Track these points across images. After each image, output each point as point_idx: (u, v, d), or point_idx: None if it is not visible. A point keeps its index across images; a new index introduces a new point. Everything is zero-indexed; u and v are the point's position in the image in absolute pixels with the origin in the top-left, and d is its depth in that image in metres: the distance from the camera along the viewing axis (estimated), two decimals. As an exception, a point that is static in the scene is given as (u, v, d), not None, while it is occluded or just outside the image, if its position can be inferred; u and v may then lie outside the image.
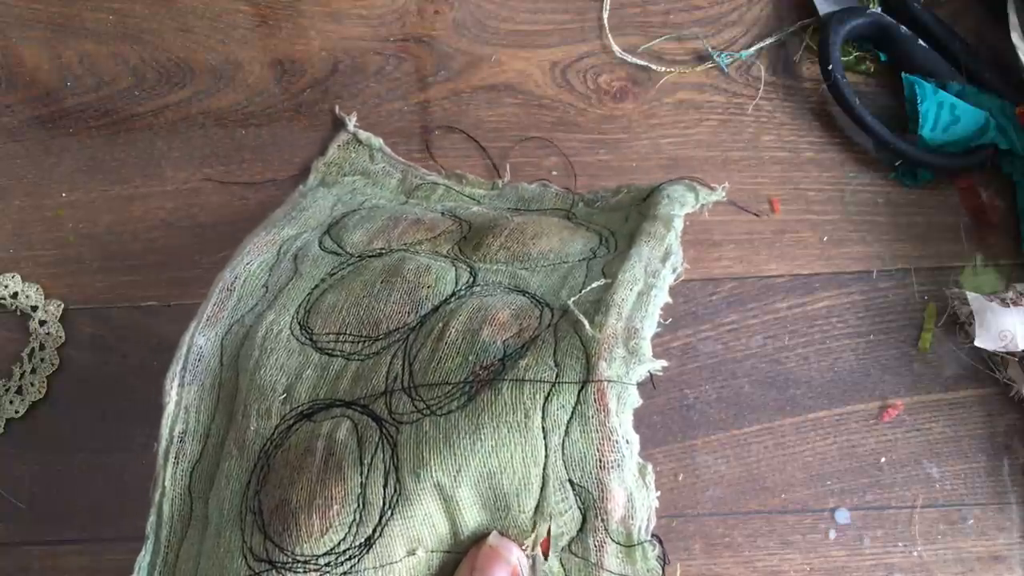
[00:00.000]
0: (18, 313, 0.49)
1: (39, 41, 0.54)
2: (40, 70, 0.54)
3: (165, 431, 0.38)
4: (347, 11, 0.55)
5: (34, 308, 0.48)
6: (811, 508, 0.44)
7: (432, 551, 0.34)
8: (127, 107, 0.53)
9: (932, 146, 0.48)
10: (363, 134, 0.52)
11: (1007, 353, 0.44)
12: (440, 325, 0.37)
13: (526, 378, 0.33)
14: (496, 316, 0.36)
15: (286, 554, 0.33)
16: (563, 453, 0.33)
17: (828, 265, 0.48)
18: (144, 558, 0.37)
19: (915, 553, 0.43)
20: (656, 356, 0.37)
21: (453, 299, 0.38)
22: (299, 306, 0.40)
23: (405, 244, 0.42)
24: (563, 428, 0.33)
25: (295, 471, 0.34)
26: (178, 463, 0.38)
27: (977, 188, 0.49)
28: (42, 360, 0.47)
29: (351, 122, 0.53)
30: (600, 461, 0.33)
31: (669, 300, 0.38)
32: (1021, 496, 0.44)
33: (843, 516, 0.44)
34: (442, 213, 0.46)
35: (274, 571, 0.33)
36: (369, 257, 0.41)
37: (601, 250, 0.41)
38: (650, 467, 0.34)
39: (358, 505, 0.33)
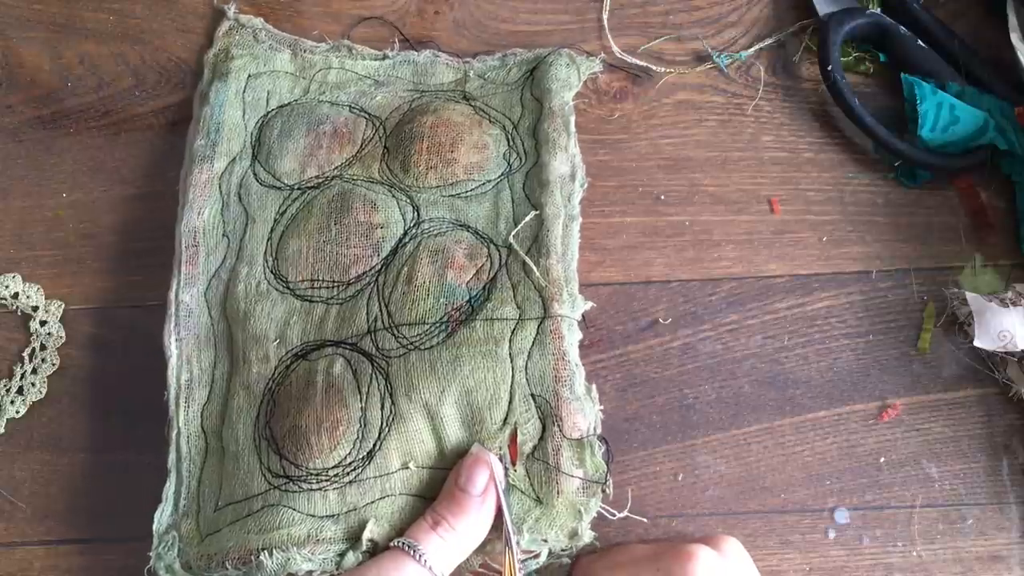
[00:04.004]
0: (19, 313, 0.49)
1: (40, 41, 0.54)
2: (41, 70, 0.54)
3: (172, 380, 0.44)
4: (347, 11, 0.55)
5: (35, 308, 0.48)
6: (810, 508, 0.44)
7: (422, 467, 0.40)
8: (127, 107, 0.53)
9: (931, 146, 0.48)
10: (244, 17, 0.54)
11: (1006, 353, 0.44)
12: (406, 269, 0.44)
13: (495, 317, 0.42)
14: (454, 259, 0.44)
15: (300, 469, 0.39)
16: (526, 372, 0.41)
17: (827, 265, 0.48)
18: (169, 488, 0.42)
19: (914, 553, 0.43)
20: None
21: (408, 239, 0.45)
22: (264, 253, 0.45)
23: (337, 168, 0.47)
24: (526, 353, 0.41)
25: (300, 402, 0.41)
26: (189, 406, 0.43)
27: (976, 188, 0.49)
28: (43, 360, 0.47)
29: (231, 9, 0.54)
30: (556, 376, 0.41)
31: (580, 220, 0.46)
32: (1020, 496, 0.44)
33: (842, 516, 0.44)
34: (350, 108, 0.50)
35: (291, 483, 0.39)
36: (309, 189, 0.47)
37: (512, 156, 0.48)
38: (594, 387, 0.42)
39: (360, 425, 0.40)
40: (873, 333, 0.47)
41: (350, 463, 0.39)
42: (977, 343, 0.44)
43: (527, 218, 0.45)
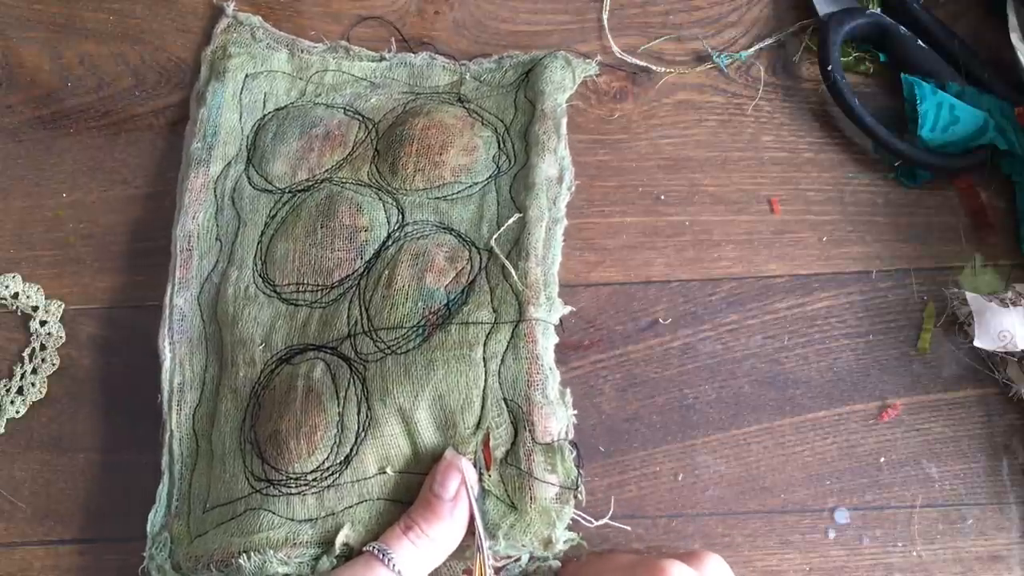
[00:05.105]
0: (19, 313, 0.49)
1: (40, 41, 0.54)
2: (41, 70, 0.54)
3: (165, 383, 0.44)
4: (347, 11, 0.55)
5: (35, 308, 0.48)
6: (810, 508, 0.44)
7: (399, 472, 0.40)
8: (127, 107, 0.53)
9: (931, 146, 0.48)
10: (242, 15, 0.54)
11: (1006, 353, 0.44)
12: (387, 273, 0.43)
13: (470, 321, 0.41)
14: (434, 262, 0.43)
15: (281, 473, 0.40)
16: (499, 376, 0.40)
17: (827, 265, 0.48)
18: (162, 490, 0.42)
19: (914, 553, 0.43)
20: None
21: (390, 242, 0.45)
22: (254, 257, 0.46)
23: (327, 171, 0.47)
24: (500, 357, 0.41)
25: (282, 406, 0.41)
26: (181, 409, 0.44)
27: (976, 188, 0.49)
28: (43, 360, 0.47)
29: (230, 7, 0.54)
30: (529, 380, 0.40)
31: (565, 223, 0.46)
32: (1020, 496, 0.44)
33: (842, 516, 0.44)
34: (344, 111, 0.50)
35: (272, 487, 0.40)
36: (299, 192, 0.47)
37: (502, 158, 0.48)
38: (568, 391, 0.41)
39: (337, 430, 0.40)
40: (873, 333, 0.47)
41: (328, 468, 0.40)
42: (977, 343, 0.44)
43: (510, 221, 0.45)
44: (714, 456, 0.45)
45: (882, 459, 0.44)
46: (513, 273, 0.43)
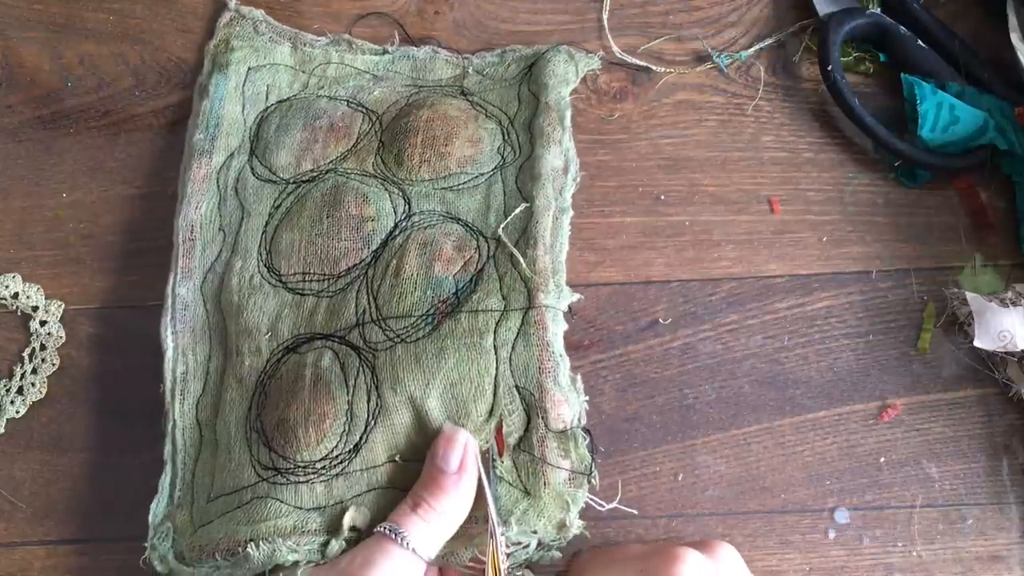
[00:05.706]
0: (19, 313, 0.49)
1: (40, 41, 0.54)
2: (41, 70, 0.54)
3: (168, 373, 0.44)
4: (347, 11, 0.55)
5: (35, 308, 0.48)
6: (810, 508, 0.44)
7: (408, 460, 0.40)
8: (127, 107, 0.53)
9: (931, 146, 0.48)
10: (245, 8, 0.54)
11: (1006, 353, 0.44)
12: (395, 262, 0.44)
13: (480, 309, 0.42)
14: (442, 251, 0.44)
15: (289, 462, 0.40)
16: (511, 364, 0.41)
17: (827, 265, 0.48)
18: (165, 480, 0.42)
19: (914, 553, 0.43)
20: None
21: (397, 231, 0.45)
22: (259, 247, 0.46)
23: (332, 162, 0.48)
24: (510, 344, 0.41)
25: (289, 395, 0.41)
26: (184, 398, 0.44)
27: (976, 188, 0.49)
28: (43, 360, 0.47)
29: (232, 1, 0.54)
30: (540, 367, 0.41)
31: (572, 213, 0.46)
32: (1020, 496, 0.44)
33: (842, 516, 0.44)
34: (348, 103, 0.50)
35: (279, 476, 0.40)
36: (304, 183, 0.47)
37: (507, 150, 0.48)
38: (579, 377, 0.42)
39: (347, 418, 0.40)
40: (873, 333, 0.47)
41: (337, 456, 0.40)
42: (977, 343, 0.44)
43: (517, 210, 0.45)
44: (714, 456, 0.45)
45: (882, 459, 0.44)
46: (522, 261, 0.43)
